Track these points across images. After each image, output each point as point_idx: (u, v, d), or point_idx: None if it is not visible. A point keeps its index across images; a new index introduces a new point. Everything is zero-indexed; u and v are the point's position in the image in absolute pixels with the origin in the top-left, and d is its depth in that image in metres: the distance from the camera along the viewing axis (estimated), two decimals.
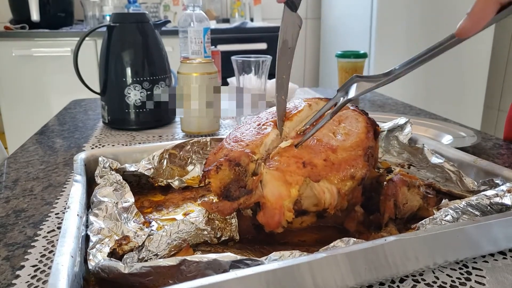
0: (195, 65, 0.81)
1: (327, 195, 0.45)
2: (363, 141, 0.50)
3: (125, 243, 0.41)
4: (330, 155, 0.47)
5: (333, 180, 0.45)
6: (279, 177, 0.44)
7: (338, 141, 0.49)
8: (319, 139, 0.49)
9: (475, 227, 0.40)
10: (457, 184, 0.55)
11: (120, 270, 0.35)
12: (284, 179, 0.44)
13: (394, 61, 2.08)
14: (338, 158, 0.47)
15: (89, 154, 0.60)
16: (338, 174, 0.46)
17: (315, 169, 0.45)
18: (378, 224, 0.47)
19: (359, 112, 0.56)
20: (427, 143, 0.64)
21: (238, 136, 0.50)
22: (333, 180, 0.45)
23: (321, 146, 0.48)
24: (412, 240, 0.38)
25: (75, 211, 0.43)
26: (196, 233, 0.44)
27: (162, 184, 0.59)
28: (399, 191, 0.47)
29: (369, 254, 0.36)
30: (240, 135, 0.50)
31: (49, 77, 2.17)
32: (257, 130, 0.50)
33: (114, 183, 0.52)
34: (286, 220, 0.44)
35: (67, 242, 0.37)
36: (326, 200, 0.45)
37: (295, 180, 0.44)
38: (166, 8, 2.56)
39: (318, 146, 0.48)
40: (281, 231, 0.45)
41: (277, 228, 0.45)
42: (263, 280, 0.33)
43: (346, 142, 0.49)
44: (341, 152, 0.47)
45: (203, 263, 0.35)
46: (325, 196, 0.45)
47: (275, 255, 0.36)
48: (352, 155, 0.48)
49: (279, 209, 0.43)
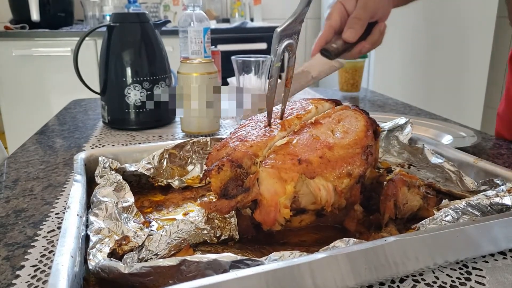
0: (195, 65, 0.81)
1: (322, 192, 0.45)
2: (361, 139, 0.50)
3: (125, 243, 0.41)
4: (326, 153, 0.47)
5: (329, 177, 0.45)
6: (274, 174, 0.44)
7: (335, 138, 0.49)
8: (316, 137, 0.49)
9: (475, 227, 0.40)
10: (457, 184, 0.55)
11: (120, 270, 0.35)
12: (279, 176, 0.44)
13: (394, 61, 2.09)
14: (335, 155, 0.47)
15: (89, 154, 0.60)
16: (334, 171, 0.46)
17: (310, 166, 0.45)
18: (378, 224, 0.47)
19: (359, 111, 0.56)
20: (427, 143, 0.64)
21: (244, 135, 0.50)
22: (329, 177, 0.45)
23: (317, 144, 0.47)
24: (412, 240, 0.38)
25: (75, 211, 0.43)
26: (195, 233, 0.44)
27: (162, 184, 0.59)
28: (399, 191, 0.47)
29: (369, 254, 0.36)
30: (246, 134, 0.50)
31: (49, 77, 2.17)
32: (263, 131, 0.50)
33: (114, 183, 0.52)
34: (284, 218, 0.44)
35: (67, 242, 0.37)
36: (322, 197, 0.45)
37: (290, 177, 0.44)
38: (166, 8, 2.56)
39: (315, 144, 0.47)
40: (279, 228, 0.45)
41: (273, 225, 0.45)
42: (263, 280, 0.33)
43: (344, 140, 0.49)
44: (338, 150, 0.47)
45: (203, 263, 0.35)
46: (321, 193, 0.45)
47: (275, 255, 0.36)
48: (350, 152, 0.48)
49: (275, 206, 0.44)
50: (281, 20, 2.83)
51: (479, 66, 2.25)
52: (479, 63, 2.24)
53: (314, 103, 0.56)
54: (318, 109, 0.56)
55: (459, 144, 0.73)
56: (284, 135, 0.50)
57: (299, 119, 0.53)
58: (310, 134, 0.49)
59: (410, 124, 0.66)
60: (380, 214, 0.47)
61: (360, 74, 1.26)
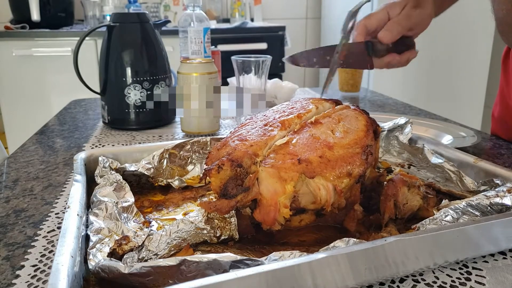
0: (195, 65, 0.81)
1: (322, 192, 0.45)
2: (361, 139, 0.50)
3: (125, 243, 0.41)
4: (326, 152, 0.47)
5: (329, 176, 0.45)
6: (274, 173, 0.44)
7: (335, 138, 0.49)
8: (316, 136, 0.48)
9: (474, 227, 0.40)
10: (457, 184, 0.55)
11: (120, 270, 0.35)
12: (278, 176, 0.44)
13: None
14: (335, 155, 0.47)
15: (89, 153, 0.60)
16: (334, 171, 0.46)
17: (310, 166, 0.45)
18: (378, 224, 0.47)
19: (359, 111, 0.56)
20: (427, 143, 0.64)
21: (244, 134, 0.50)
22: (329, 177, 0.45)
23: (317, 143, 0.47)
24: (412, 240, 0.38)
25: (75, 211, 0.43)
26: (195, 232, 0.44)
27: (162, 184, 0.59)
28: (399, 191, 0.47)
29: (369, 254, 0.36)
30: (246, 133, 0.50)
31: (49, 77, 2.17)
32: (263, 130, 0.50)
33: (114, 182, 0.52)
34: (284, 217, 0.44)
35: (67, 242, 0.37)
36: (322, 196, 0.45)
37: (290, 176, 0.44)
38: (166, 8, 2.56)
39: (315, 143, 0.47)
40: (279, 228, 0.45)
41: (273, 224, 0.45)
42: (263, 280, 0.33)
43: (344, 139, 0.49)
44: (338, 149, 0.47)
45: (203, 263, 0.35)
46: (321, 192, 0.45)
47: (275, 255, 0.36)
48: (349, 152, 0.48)
49: (274, 206, 0.44)
50: (281, 20, 2.84)
51: (479, 66, 2.25)
52: (479, 63, 2.24)
53: (314, 103, 0.56)
54: (319, 108, 0.56)
55: (459, 144, 0.73)
56: (284, 134, 0.50)
57: (299, 118, 0.53)
58: (310, 134, 0.49)
59: (410, 124, 0.66)
60: (380, 214, 0.47)
61: (360, 74, 1.26)
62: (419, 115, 1.00)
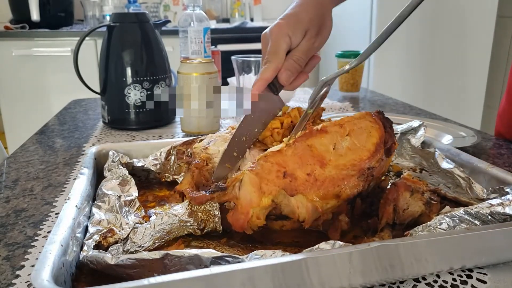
0: (195, 65, 0.81)
1: (301, 210, 0.44)
2: (362, 161, 0.47)
3: (110, 236, 0.42)
4: (316, 170, 0.45)
5: (311, 197, 0.43)
6: (255, 182, 0.43)
7: (333, 155, 0.46)
8: (314, 148, 0.46)
9: (464, 237, 0.38)
10: (466, 191, 0.53)
11: (107, 262, 0.36)
12: (259, 186, 0.43)
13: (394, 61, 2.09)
14: (324, 174, 0.45)
15: (100, 148, 0.62)
16: (319, 192, 0.44)
17: (294, 182, 0.44)
18: (376, 229, 0.46)
19: (378, 125, 0.51)
20: (440, 147, 0.62)
21: None
22: (311, 197, 0.43)
23: (310, 158, 0.45)
24: (396, 247, 0.37)
25: (74, 202, 0.44)
26: (179, 225, 0.45)
27: (169, 180, 0.60)
28: (401, 196, 0.46)
29: (354, 258, 0.36)
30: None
31: (49, 77, 2.17)
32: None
33: (120, 177, 0.53)
34: (257, 225, 0.44)
35: (60, 231, 0.38)
36: (301, 214, 0.44)
37: (269, 190, 0.43)
38: (166, 8, 2.56)
39: (308, 157, 0.45)
40: (250, 232, 0.45)
41: (241, 230, 0.44)
42: (238, 278, 0.33)
43: (342, 158, 0.46)
44: (330, 169, 0.45)
45: (185, 258, 0.36)
46: (299, 211, 0.44)
47: (256, 254, 0.36)
48: (343, 174, 0.45)
49: (245, 215, 0.43)
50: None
51: (479, 66, 2.24)
52: (479, 63, 2.24)
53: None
54: None
55: (459, 144, 0.73)
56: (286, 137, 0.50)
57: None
58: (309, 144, 0.47)
59: (424, 127, 0.65)
60: (378, 219, 0.46)
61: (360, 74, 1.26)
62: (419, 115, 1.00)
